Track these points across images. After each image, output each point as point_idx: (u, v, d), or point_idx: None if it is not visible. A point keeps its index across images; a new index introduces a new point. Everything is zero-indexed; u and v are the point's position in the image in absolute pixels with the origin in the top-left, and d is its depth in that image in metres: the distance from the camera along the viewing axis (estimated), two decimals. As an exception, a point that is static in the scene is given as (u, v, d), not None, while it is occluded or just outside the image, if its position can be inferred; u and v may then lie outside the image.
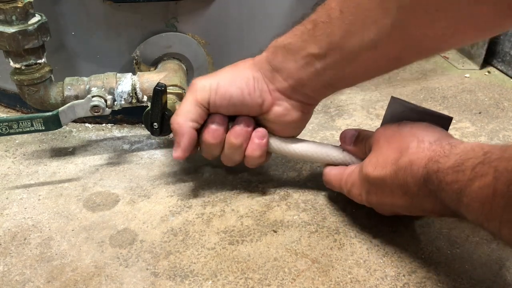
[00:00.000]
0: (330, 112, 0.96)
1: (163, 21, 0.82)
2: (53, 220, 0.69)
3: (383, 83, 1.06)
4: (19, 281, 0.59)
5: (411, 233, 0.66)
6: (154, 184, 0.76)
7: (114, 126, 0.91)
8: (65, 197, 0.73)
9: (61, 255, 0.63)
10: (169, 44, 0.83)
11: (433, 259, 0.62)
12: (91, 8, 0.80)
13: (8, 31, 0.68)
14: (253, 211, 0.70)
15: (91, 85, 0.76)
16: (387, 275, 0.60)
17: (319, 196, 0.73)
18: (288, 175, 0.78)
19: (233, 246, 0.64)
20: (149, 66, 0.84)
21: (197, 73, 0.87)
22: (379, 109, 0.97)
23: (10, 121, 0.71)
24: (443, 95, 1.02)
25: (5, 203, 0.72)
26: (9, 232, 0.67)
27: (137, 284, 0.59)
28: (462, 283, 0.59)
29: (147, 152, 0.84)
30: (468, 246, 0.65)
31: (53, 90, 0.77)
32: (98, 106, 0.74)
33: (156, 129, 0.70)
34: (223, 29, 0.86)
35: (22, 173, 0.78)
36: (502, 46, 1.11)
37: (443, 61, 1.17)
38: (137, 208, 0.71)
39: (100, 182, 0.77)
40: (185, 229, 0.67)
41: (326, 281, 0.59)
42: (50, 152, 0.84)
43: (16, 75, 0.74)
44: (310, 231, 0.67)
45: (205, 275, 0.60)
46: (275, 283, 0.59)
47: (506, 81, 1.08)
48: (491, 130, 0.90)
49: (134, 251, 0.64)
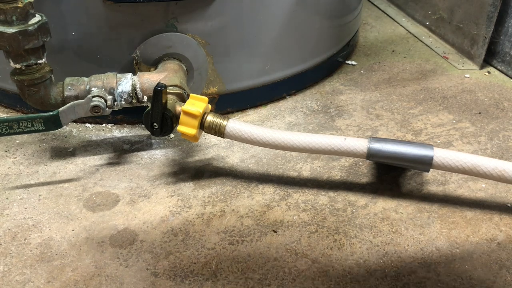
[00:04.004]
0: (330, 112, 0.96)
1: (163, 21, 0.82)
2: (53, 220, 0.69)
3: (383, 83, 1.07)
4: (19, 281, 0.59)
5: (411, 233, 0.67)
6: (154, 184, 0.76)
7: (114, 126, 0.91)
8: (65, 197, 0.73)
9: (61, 255, 0.63)
10: (169, 44, 0.83)
11: (433, 259, 0.62)
12: (91, 8, 0.80)
13: (8, 32, 0.68)
14: (253, 211, 0.70)
15: (91, 85, 0.76)
16: (387, 275, 0.60)
17: (319, 196, 0.73)
18: (288, 175, 0.78)
19: (233, 246, 0.64)
20: (149, 66, 0.84)
21: (197, 73, 0.87)
22: (379, 109, 0.97)
23: (10, 121, 0.72)
24: (443, 95, 1.02)
25: (5, 203, 0.72)
26: (10, 232, 0.67)
27: (137, 284, 0.59)
28: (462, 283, 0.59)
29: (147, 152, 0.84)
30: (468, 246, 0.65)
31: (53, 90, 0.77)
32: (98, 106, 0.74)
33: (156, 129, 0.70)
34: (223, 29, 0.86)
35: (22, 173, 0.78)
36: (502, 46, 1.11)
37: (443, 61, 1.17)
38: (137, 208, 0.71)
39: (100, 182, 0.77)
40: (185, 229, 0.67)
41: (326, 281, 0.59)
42: (50, 152, 0.84)
43: (16, 75, 0.74)
44: (310, 231, 0.67)
45: (205, 275, 0.60)
46: (275, 283, 0.59)
47: (506, 81, 1.08)
48: (491, 130, 0.90)
49: (134, 251, 0.64)
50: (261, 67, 0.94)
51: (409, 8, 1.42)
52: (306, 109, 0.97)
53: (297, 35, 0.97)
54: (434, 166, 0.67)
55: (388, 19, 1.42)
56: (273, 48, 0.94)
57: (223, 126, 0.70)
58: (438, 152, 0.67)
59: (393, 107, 0.98)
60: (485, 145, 0.86)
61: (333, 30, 1.06)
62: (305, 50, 1.01)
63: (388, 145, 0.69)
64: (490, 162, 0.66)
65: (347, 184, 0.76)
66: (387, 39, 1.28)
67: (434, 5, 1.28)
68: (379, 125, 0.91)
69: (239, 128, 0.70)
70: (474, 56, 1.16)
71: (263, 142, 0.70)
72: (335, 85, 1.06)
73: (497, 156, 0.82)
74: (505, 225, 0.68)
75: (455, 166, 0.67)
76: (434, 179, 0.77)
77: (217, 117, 0.71)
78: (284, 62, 0.98)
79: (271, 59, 0.95)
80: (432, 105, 0.98)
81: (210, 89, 0.91)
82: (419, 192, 0.75)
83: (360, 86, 1.06)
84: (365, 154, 0.69)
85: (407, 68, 1.14)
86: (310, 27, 0.98)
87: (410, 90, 1.04)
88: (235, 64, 0.91)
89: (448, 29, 1.24)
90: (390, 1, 1.53)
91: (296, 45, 0.98)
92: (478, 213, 0.70)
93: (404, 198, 0.73)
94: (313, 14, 0.97)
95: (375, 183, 0.77)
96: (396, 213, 0.70)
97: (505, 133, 0.89)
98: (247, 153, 0.83)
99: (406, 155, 0.68)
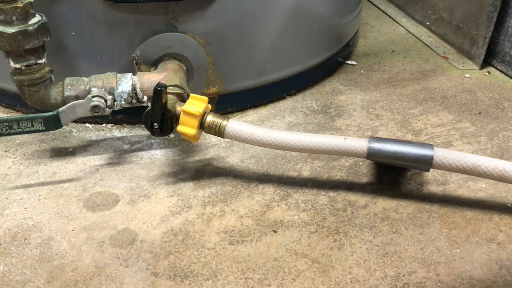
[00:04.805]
0: (330, 112, 0.96)
1: (163, 21, 0.82)
2: (53, 220, 0.69)
3: (383, 83, 1.07)
4: (19, 281, 0.59)
5: (411, 233, 0.66)
6: (154, 184, 0.76)
7: (114, 126, 0.91)
8: (65, 197, 0.73)
9: (61, 255, 0.63)
10: (169, 44, 0.83)
11: (433, 259, 0.62)
12: (91, 8, 0.80)
13: (8, 32, 0.68)
14: (253, 211, 0.70)
15: (91, 85, 0.76)
16: (387, 275, 0.60)
17: (319, 196, 0.73)
18: (288, 175, 0.78)
19: (233, 246, 0.64)
20: (149, 66, 0.84)
21: (197, 73, 0.87)
22: (379, 109, 0.97)
23: (10, 121, 0.72)
24: (443, 95, 1.02)
25: (6, 203, 0.72)
26: (10, 232, 0.67)
27: (137, 284, 0.59)
28: (462, 283, 0.59)
29: (147, 152, 0.84)
30: (468, 246, 0.65)
31: (53, 90, 0.77)
32: (98, 106, 0.74)
33: (156, 129, 0.70)
34: (223, 29, 0.86)
35: (23, 173, 0.78)
36: (502, 46, 1.11)
37: (443, 61, 1.17)
38: (137, 208, 0.71)
39: (100, 182, 0.77)
40: (185, 229, 0.67)
41: (326, 281, 0.59)
42: (50, 152, 0.84)
43: (16, 75, 0.74)
44: (310, 231, 0.67)
45: (205, 275, 0.60)
46: (275, 283, 0.59)
47: (506, 81, 1.08)
48: (491, 130, 0.90)
49: (134, 251, 0.64)
50: (261, 67, 0.94)
51: (409, 8, 1.42)
52: (306, 109, 0.97)
53: (297, 35, 0.97)
54: (434, 166, 0.67)
55: (388, 19, 1.42)
56: (273, 48, 0.94)
57: (223, 126, 0.70)
58: (438, 151, 0.67)
59: (393, 107, 0.98)
60: (485, 145, 0.86)
61: (333, 30, 1.06)
62: (305, 50, 1.01)
63: (388, 144, 0.69)
64: (490, 162, 0.66)
65: (347, 184, 0.76)
66: (387, 39, 1.28)
67: (434, 5, 1.28)
68: (379, 125, 0.91)
69: (239, 128, 0.70)
70: (474, 56, 1.16)
71: (263, 142, 0.70)
72: (335, 85, 1.06)
73: (497, 156, 0.82)
74: (505, 225, 0.68)
75: (455, 165, 0.67)
76: (434, 179, 0.77)
77: (217, 117, 0.71)
78: (284, 62, 0.98)
79: (271, 59, 0.95)
80: (432, 105, 0.98)
81: (210, 89, 0.91)
82: (419, 192, 0.75)
83: (360, 86, 1.06)
84: (365, 154, 0.69)
85: (407, 68, 1.14)
86: (310, 27, 0.98)
87: (410, 90, 1.04)
88: (235, 64, 0.91)
89: (448, 29, 1.24)
90: (390, 1, 1.53)
91: (296, 45, 0.98)
92: (478, 213, 0.70)
93: (404, 198, 0.73)
94: (313, 14, 0.97)
95: (375, 183, 0.77)
96: (396, 213, 0.70)
97: (505, 133, 0.89)
98: (247, 153, 0.83)
99: (406, 155, 0.68)
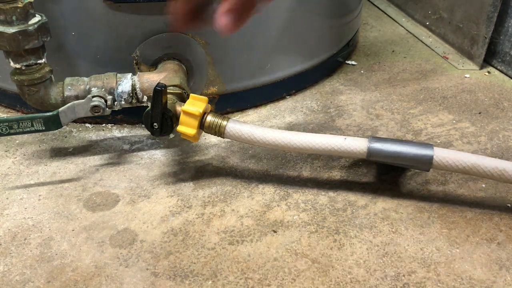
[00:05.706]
0: (330, 112, 0.96)
1: (163, 21, 0.82)
2: (53, 220, 0.69)
3: (383, 83, 1.07)
4: (19, 281, 0.59)
5: (411, 233, 0.66)
6: (154, 184, 0.76)
7: (114, 126, 0.91)
8: (65, 197, 0.73)
9: (61, 255, 0.63)
10: (169, 44, 0.83)
11: (433, 259, 0.62)
12: (91, 8, 0.80)
13: (8, 32, 0.68)
14: (253, 211, 0.70)
15: (91, 85, 0.76)
16: (387, 275, 0.60)
17: (319, 196, 0.73)
18: (288, 175, 0.78)
19: (233, 246, 0.64)
20: (149, 66, 0.84)
21: (197, 73, 0.87)
22: (379, 109, 0.97)
23: (10, 121, 0.71)
24: (443, 95, 1.02)
25: (5, 203, 0.72)
26: (9, 232, 0.67)
27: (137, 284, 0.59)
28: (462, 283, 0.59)
29: (147, 152, 0.84)
30: (468, 246, 0.65)
31: (53, 90, 0.77)
32: (98, 106, 0.74)
33: (156, 129, 0.70)
34: (223, 29, 0.86)
35: (22, 173, 0.78)
36: (502, 46, 1.11)
37: (443, 61, 1.17)
38: (137, 208, 0.71)
39: (100, 182, 0.77)
40: (185, 229, 0.67)
41: (326, 281, 0.59)
42: (50, 152, 0.84)
43: (16, 75, 0.74)
44: (310, 231, 0.67)
45: (205, 275, 0.60)
46: (275, 283, 0.59)
47: (506, 81, 1.08)
48: (491, 130, 0.90)
49: (134, 251, 0.64)
50: (261, 67, 0.94)
51: (409, 8, 1.42)
52: (306, 109, 0.97)
53: (297, 35, 0.97)
54: (434, 166, 0.67)
55: (388, 19, 1.42)
56: (273, 48, 0.94)
57: (223, 126, 0.70)
58: (438, 151, 0.67)
59: (393, 107, 0.98)
60: (485, 145, 0.86)
61: (333, 30, 1.06)
62: (305, 50, 1.01)
63: (388, 144, 0.69)
64: (490, 162, 0.66)
65: (347, 184, 0.76)
66: (387, 39, 1.28)
67: (434, 5, 1.28)
68: (379, 125, 0.91)
69: (239, 128, 0.70)
70: (474, 56, 1.15)
71: (263, 142, 0.70)
72: (335, 85, 1.06)
73: (497, 156, 0.82)
74: (505, 225, 0.68)
75: (455, 165, 0.67)
76: (434, 179, 0.77)
77: (217, 117, 0.71)
78: (284, 62, 0.98)
79: (271, 59, 0.95)
80: (432, 105, 0.98)
81: (210, 89, 0.91)
82: (419, 192, 0.75)
83: (360, 86, 1.06)
84: (365, 154, 0.69)
85: (407, 68, 1.14)
86: (310, 27, 0.98)
87: (410, 90, 1.04)
88: (235, 64, 0.91)
89: (448, 29, 1.24)
90: (390, 1, 1.53)
91: (296, 45, 0.98)
92: (478, 213, 0.70)
93: (404, 198, 0.73)
94: (313, 14, 0.97)
95: (375, 183, 0.77)
96: (396, 213, 0.70)
97: (505, 133, 0.89)
98: (247, 153, 0.83)
99: (406, 155, 0.68)
